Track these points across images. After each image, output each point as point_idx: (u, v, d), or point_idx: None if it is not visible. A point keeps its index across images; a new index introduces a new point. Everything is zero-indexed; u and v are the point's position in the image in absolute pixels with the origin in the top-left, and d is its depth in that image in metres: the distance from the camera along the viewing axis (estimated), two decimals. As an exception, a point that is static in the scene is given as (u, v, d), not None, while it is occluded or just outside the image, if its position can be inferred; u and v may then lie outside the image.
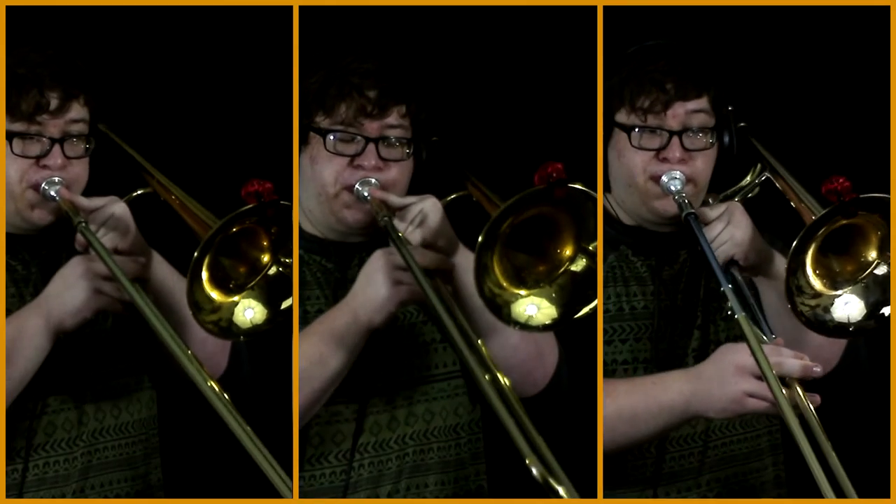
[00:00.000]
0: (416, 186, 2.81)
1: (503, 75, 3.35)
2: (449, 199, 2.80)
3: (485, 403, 2.84)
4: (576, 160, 2.95)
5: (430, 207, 2.69)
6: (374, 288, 2.66)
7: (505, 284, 2.60)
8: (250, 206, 2.54)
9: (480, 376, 2.45)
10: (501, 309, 2.60)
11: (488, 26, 3.31)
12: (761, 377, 2.60)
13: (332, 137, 2.76)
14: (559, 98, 3.30)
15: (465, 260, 2.67)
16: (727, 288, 2.68)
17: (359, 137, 2.76)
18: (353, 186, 2.76)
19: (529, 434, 2.27)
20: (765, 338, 2.64)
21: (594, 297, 2.63)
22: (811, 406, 2.57)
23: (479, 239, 2.52)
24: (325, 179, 2.77)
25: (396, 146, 2.78)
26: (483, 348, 2.55)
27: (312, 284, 2.81)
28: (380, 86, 2.75)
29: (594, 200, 2.58)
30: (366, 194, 2.75)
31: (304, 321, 2.77)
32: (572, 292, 2.63)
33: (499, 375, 2.48)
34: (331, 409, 2.77)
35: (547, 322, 2.63)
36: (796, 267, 2.66)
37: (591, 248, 2.62)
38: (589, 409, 2.79)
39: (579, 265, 2.63)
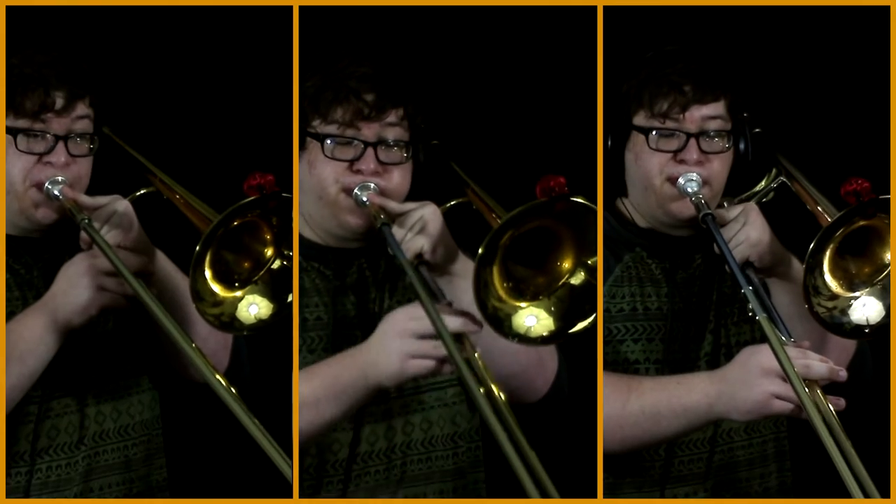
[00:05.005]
0: (415, 191, 2.78)
1: (501, 77, 3.35)
2: (448, 205, 2.77)
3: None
4: (576, 163, 2.98)
5: (429, 214, 2.66)
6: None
7: (505, 297, 2.58)
8: (252, 198, 2.54)
9: (475, 389, 2.45)
10: (503, 322, 2.57)
11: (487, 29, 3.32)
12: (786, 379, 2.58)
13: (329, 142, 2.73)
14: (558, 99, 3.31)
15: (463, 267, 2.65)
16: (747, 290, 2.69)
17: (356, 141, 2.73)
18: (353, 190, 2.73)
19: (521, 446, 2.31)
20: (784, 339, 2.62)
21: (592, 311, 2.60)
22: (832, 409, 2.56)
23: (480, 251, 2.50)
24: (325, 181, 2.74)
25: (395, 149, 2.75)
26: (480, 359, 2.52)
27: (311, 292, 2.77)
28: (377, 89, 2.73)
29: (595, 214, 2.56)
30: (364, 199, 2.72)
31: (304, 328, 2.76)
32: (570, 305, 2.61)
33: (493, 388, 2.47)
34: None
35: (545, 334, 2.60)
36: (814, 265, 2.65)
37: (590, 262, 2.60)
38: (590, 410, 2.79)
39: (578, 279, 2.61)
